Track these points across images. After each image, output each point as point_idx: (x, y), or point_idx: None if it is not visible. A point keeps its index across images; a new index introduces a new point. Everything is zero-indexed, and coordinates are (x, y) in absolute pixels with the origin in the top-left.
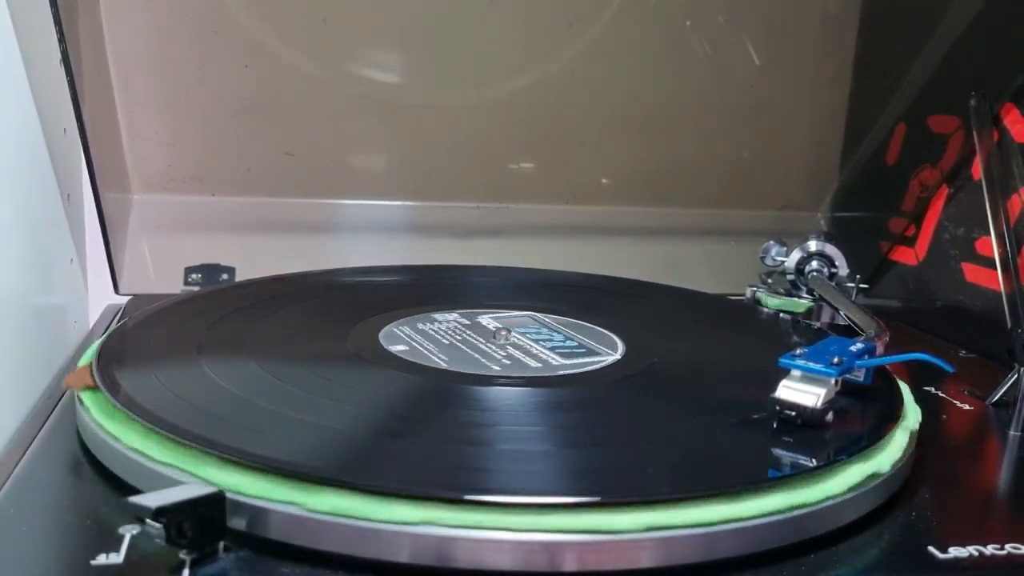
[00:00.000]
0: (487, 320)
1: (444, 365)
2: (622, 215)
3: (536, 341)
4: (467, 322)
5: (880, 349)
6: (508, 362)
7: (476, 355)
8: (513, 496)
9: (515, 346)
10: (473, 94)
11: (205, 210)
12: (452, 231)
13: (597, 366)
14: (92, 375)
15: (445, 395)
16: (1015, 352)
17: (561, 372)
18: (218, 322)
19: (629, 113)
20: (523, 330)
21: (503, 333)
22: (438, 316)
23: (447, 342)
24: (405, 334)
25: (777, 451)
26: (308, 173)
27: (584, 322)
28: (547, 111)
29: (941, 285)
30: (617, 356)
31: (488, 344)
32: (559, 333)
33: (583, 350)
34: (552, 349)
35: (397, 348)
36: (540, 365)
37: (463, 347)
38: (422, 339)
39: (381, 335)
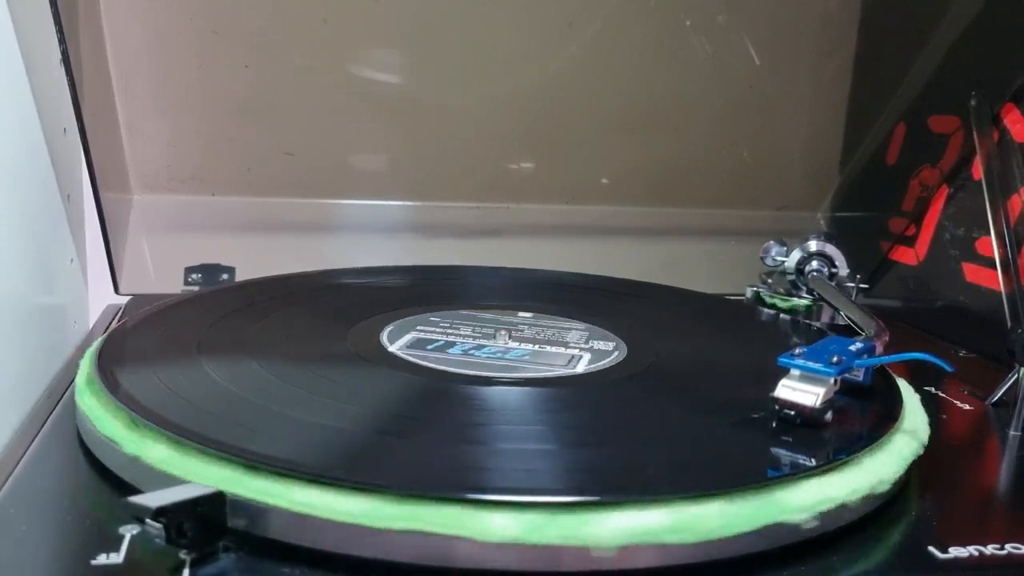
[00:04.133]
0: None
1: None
2: (622, 215)
3: (536, 341)
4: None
5: (880, 349)
6: (508, 362)
7: (476, 355)
8: (514, 496)
9: (515, 346)
10: (473, 94)
11: (205, 210)
12: (452, 231)
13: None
14: None
15: (445, 395)
16: (1015, 352)
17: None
18: (218, 322)
19: (629, 113)
20: (523, 330)
21: (503, 333)
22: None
23: (447, 342)
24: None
25: (777, 451)
26: (308, 173)
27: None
28: (547, 111)
29: (941, 285)
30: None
31: (488, 344)
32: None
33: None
34: (552, 349)
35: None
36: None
37: (463, 347)
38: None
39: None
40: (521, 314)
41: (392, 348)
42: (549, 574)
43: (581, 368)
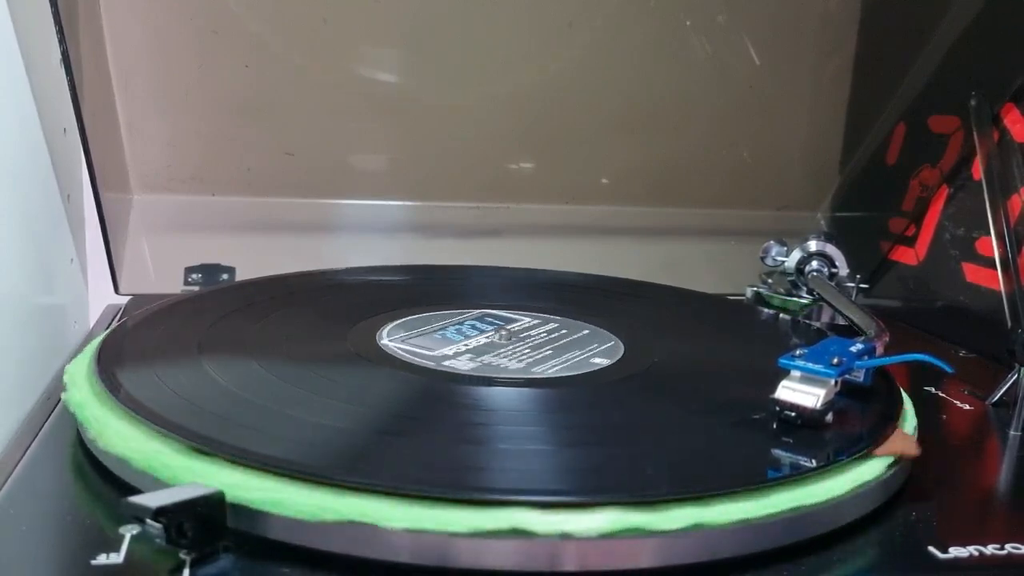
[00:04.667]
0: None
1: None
2: (622, 215)
3: (536, 341)
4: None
5: (880, 349)
6: (508, 362)
7: (476, 355)
8: (514, 496)
9: (515, 346)
10: (473, 94)
11: (205, 210)
12: (452, 231)
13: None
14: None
15: (445, 395)
16: (1015, 352)
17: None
18: (218, 322)
19: (629, 113)
20: (523, 330)
21: (503, 333)
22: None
23: (447, 342)
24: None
25: (777, 451)
26: (308, 173)
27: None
28: (547, 111)
29: (941, 285)
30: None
31: (488, 344)
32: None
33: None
34: (552, 349)
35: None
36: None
37: (463, 347)
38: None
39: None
40: (521, 314)
41: (392, 348)
42: (549, 574)
43: (581, 368)
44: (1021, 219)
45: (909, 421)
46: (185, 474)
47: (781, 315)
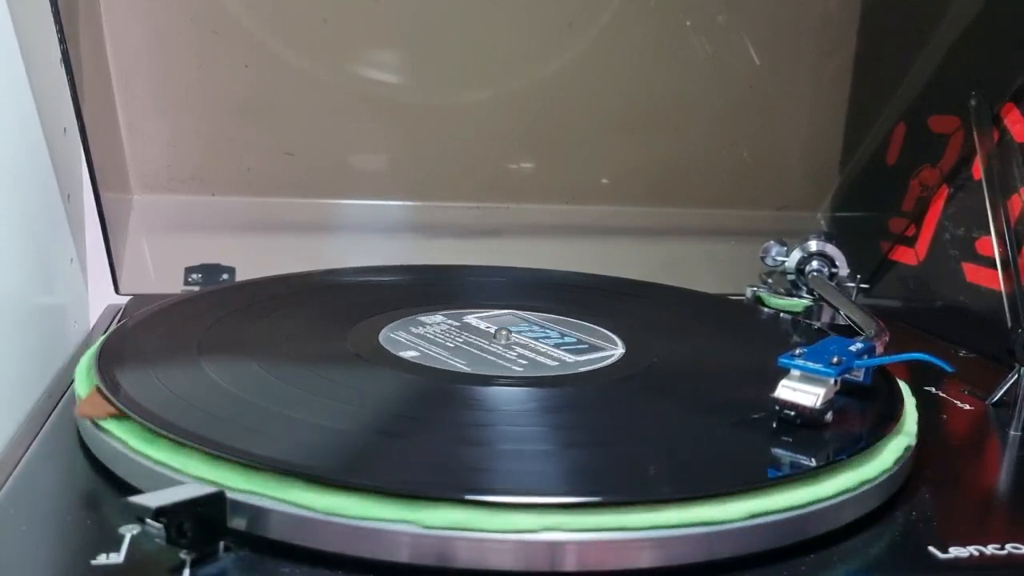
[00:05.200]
0: (487, 320)
1: (444, 365)
2: (622, 215)
3: (537, 341)
4: (466, 322)
5: (880, 349)
6: (507, 362)
7: (476, 355)
8: (513, 496)
9: (515, 346)
10: (473, 94)
11: (205, 210)
12: (452, 231)
13: (597, 366)
14: (108, 399)
15: (445, 395)
16: (1015, 352)
17: (561, 372)
18: (218, 322)
19: (629, 113)
20: (523, 330)
21: (503, 333)
22: (438, 316)
23: (447, 342)
24: (405, 334)
25: (777, 451)
26: (308, 173)
27: (584, 322)
28: (547, 111)
29: (941, 285)
30: (617, 356)
31: (488, 344)
32: (559, 333)
33: (583, 350)
34: (552, 349)
35: (397, 348)
36: (540, 365)
37: (463, 347)
38: (422, 339)
39: (381, 335)
40: (521, 314)
41: (392, 348)
42: (549, 574)
43: (581, 368)
44: (1021, 219)
45: (910, 419)
46: (185, 474)
47: (781, 315)
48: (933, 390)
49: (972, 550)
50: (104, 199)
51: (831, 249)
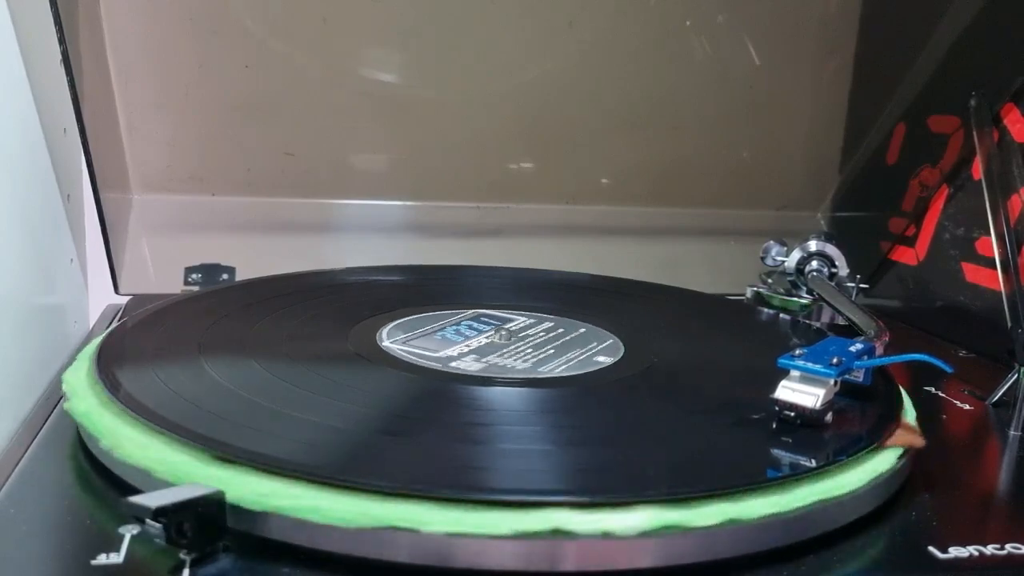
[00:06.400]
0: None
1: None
2: (622, 215)
3: (536, 341)
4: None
5: (880, 349)
6: (508, 362)
7: (476, 355)
8: (513, 496)
9: (515, 346)
10: (473, 93)
11: (205, 210)
12: (452, 231)
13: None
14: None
15: (445, 395)
16: (1015, 352)
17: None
18: (218, 322)
19: (629, 113)
20: (523, 330)
21: (503, 333)
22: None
23: (447, 342)
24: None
25: (776, 451)
26: (308, 173)
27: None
28: (547, 111)
29: (941, 285)
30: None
31: (488, 344)
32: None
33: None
34: (552, 349)
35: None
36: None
37: (463, 347)
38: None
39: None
40: (521, 314)
41: (392, 348)
42: (549, 574)
43: (581, 368)
44: (1021, 219)
45: (909, 420)
46: (185, 474)
47: (781, 315)
48: (933, 390)
49: (972, 550)
50: (104, 199)
51: (831, 249)
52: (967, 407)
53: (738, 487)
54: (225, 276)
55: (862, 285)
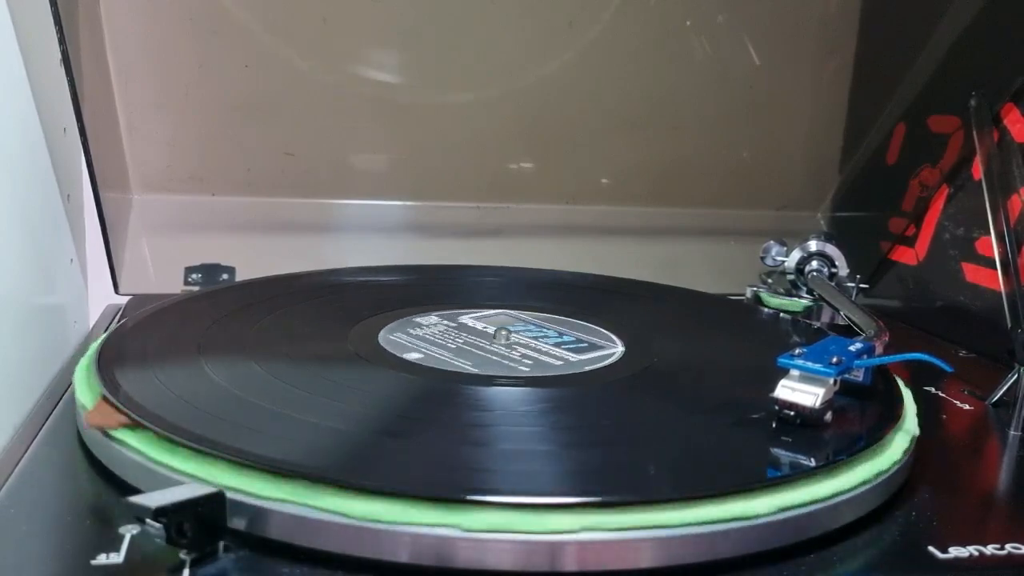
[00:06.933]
0: (486, 320)
1: (444, 365)
2: (622, 215)
3: (537, 341)
4: (466, 322)
5: (879, 349)
6: (508, 362)
7: (476, 355)
8: (513, 496)
9: (515, 346)
10: (473, 94)
11: (205, 210)
12: (452, 231)
13: (597, 366)
14: (117, 407)
15: (445, 395)
16: (1015, 352)
17: (561, 372)
18: (218, 322)
19: (629, 113)
20: (523, 330)
21: (503, 333)
22: (438, 316)
23: (447, 342)
24: (405, 334)
25: (776, 451)
26: (308, 173)
27: (584, 322)
28: (547, 111)
29: (941, 285)
30: (617, 356)
31: (488, 344)
32: (559, 333)
33: (583, 350)
34: (552, 349)
35: (397, 348)
36: (540, 365)
37: (463, 347)
38: (422, 339)
39: (381, 335)
40: (521, 314)
41: (392, 348)
42: (549, 574)
43: (581, 368)
44: (1021, 219)
45: (910, 419)
46: (185, 474)
47: (781, 315)
48: (933, 390)
49: (972, 550)
50: (104, 199)
51: (831, 249)
52: (967, 407)
53: (738, 487)
54: (225, 276)
55: (862, 285)
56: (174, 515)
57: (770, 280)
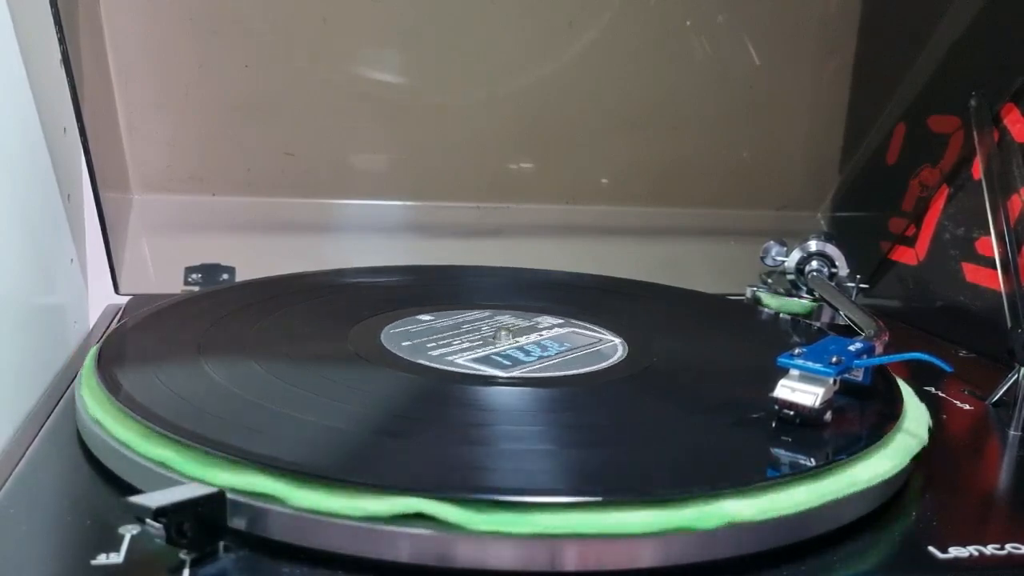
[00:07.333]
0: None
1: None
2: (622, 215)
3: (536, 341)
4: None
5: (879, 349)
6: (509, 362)
7: (477, 355)
8: (513, 496)
9: (515, 346)
10: (473, 94)
11: (205, 210)
12: (452, 231)
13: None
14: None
15: (445, 395)
16: (1015, 352)
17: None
18: (218, 322)
19: (629, 113)
20: (523, 330)
21: (503, 333)
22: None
23: (447, 342)
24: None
25: (776, 451)
26: (308, 173)
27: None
28: (547, 111)
29: (941, 285)
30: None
31: (488, 344)
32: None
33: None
34: (552, 349)
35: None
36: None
37: (463, 347)
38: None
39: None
40: (521, 314)
41: (392, 348)
42: (549, 574)
43: (581, 368)
44: (1021, 219)
45: (911, 418)
46: (185, 474)
47: (781, 315)
48: (933, 390)
49: (972, 550)
50: (104, 199)
51: (831, 249)
52: (967, 407)
53: (738, 487)
54: (225, 276)
55: (862, 285)
56: (174, 515)
57: (770, 280)
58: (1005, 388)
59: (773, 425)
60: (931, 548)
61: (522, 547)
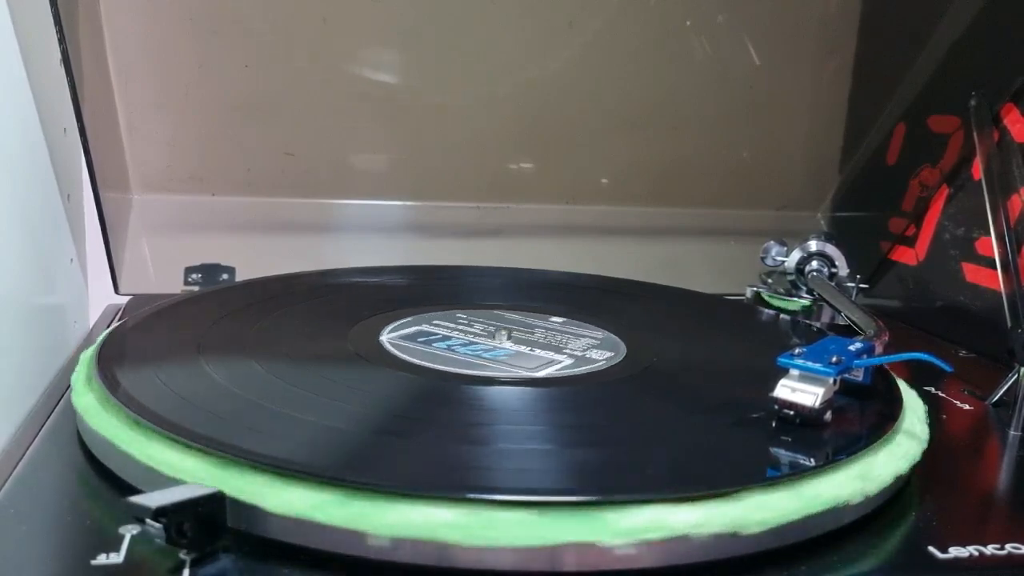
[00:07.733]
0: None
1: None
2: (622, 215)
3: (536, 341)
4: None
5: (879, 349)
6: (508, 362)
7: (476, 355)
8: (513, 495)
9: (515, 346)
10: (473, 94)
11: (205, 210)
12: (452, 231)
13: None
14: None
15: (445, 395)
16: (1015, 352)
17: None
18: (218, 322)
19: (629, 113)
20: (523, 330)
21: (503, 333)
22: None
23: (447, 342)
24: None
25: (776, 451)
26: (308, 173)
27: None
28: (547, 111)
29: (941, 285)
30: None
31: (488, 344)
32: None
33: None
34: (552, 349)
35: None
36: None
37: (463, 347)
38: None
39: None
40: (521, 314)
41: (392, 348)
42: (549, 574)
43: (581, 368)
44: (1021, 219)
45: (911, 417)
46: (185, 474)
47: (781, 315)
48: (933, 390)
49: (972, 550)
50: (104, 199)
51: (831, 249)
52: (967, 407)
53: (738, 487)
54: (225, 276)
55: (862, 285)
56: (174, 515)
57: (770, 280)
58: (1005, 388)
59: (773, 425)
60: (931, 548)
61: (521, 547)
